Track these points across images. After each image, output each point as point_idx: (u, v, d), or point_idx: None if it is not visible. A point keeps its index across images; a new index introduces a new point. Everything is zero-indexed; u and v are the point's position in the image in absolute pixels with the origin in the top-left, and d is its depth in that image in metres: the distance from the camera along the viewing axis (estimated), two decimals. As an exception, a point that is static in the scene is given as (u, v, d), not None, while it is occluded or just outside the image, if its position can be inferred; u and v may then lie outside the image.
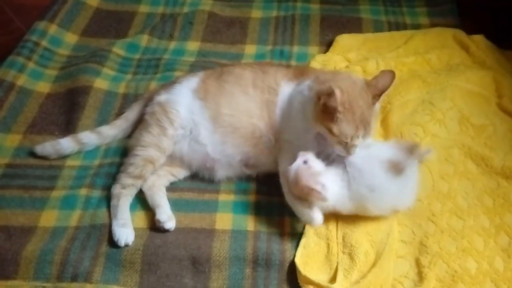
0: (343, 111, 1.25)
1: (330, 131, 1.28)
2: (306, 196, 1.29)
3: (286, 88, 1.46)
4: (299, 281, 1.28)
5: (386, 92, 1.33)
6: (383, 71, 1.36)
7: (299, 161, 1.29)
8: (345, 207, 1.34)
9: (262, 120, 1.45)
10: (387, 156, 1.32)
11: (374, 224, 1.37)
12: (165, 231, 1.36)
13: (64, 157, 1.55)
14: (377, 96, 1.31)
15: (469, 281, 1.27)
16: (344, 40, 1.98)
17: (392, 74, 1.33)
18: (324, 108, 1.27)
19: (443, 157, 1.53)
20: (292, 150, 1.39)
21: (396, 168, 1.30)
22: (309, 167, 1.29)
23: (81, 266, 1.28)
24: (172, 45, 2.00)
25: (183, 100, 1.50)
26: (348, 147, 1.30)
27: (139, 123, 1.55)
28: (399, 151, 1.34)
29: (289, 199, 1.36)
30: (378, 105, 1.35)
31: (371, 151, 1.34)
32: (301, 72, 1.51)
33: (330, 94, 1.24)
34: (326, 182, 1.28)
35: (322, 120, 1.29)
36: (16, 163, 1.53)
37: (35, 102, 1.71)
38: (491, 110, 1.69)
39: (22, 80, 1.75)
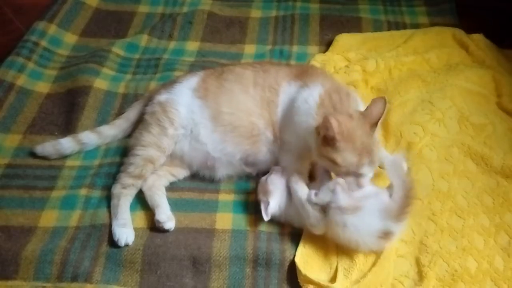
0: (342, 139, 1.25)
1: (335, 162, 1.27)
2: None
3: (287, 89, 1.46)
4: (299, 280, 1.28)
5: (381, 120, 1.31)
6: (374, 100, 1.33)
7: (266, 175, 1.41)
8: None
9: (261, 118, 1.45)
10: (379, 225, 1.26)
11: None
12: (165, 231, 1.36)
13: (64, 157, 1.55)
14: (374, 125, 1.30)
15: (469, 280, 1.27)
16: (343, 40, 1.98)
17: (383, 100, 1.31)
18: (324, 141, 1.27)
19: (442, 156, 1.53)
20: (292, 150, 1.41)
21: (386, 236, 1.27)
22: (266, 183, 1.38)
23: (81, 266, 1.28)
24: (172, 45, 2.00)
25: (183, 100, 1.50)
26: (357, 178, 1.29)
27: (139, 123, 1.55)
28: (390, 217, 1.25)
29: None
30: (377, 134, 1.33)
31: (364, 213, 1.26)
32: (303, 72, 1.51)
33: (327, 125, 1.24)
34: (272, 203, 1.35)
35: (325, 152, 1.28)
36: (16, 163, 1.53)
37: (34, 102, 1.71)
38: (491, 109, 1.69)
39: (21, 80, 1.75)
